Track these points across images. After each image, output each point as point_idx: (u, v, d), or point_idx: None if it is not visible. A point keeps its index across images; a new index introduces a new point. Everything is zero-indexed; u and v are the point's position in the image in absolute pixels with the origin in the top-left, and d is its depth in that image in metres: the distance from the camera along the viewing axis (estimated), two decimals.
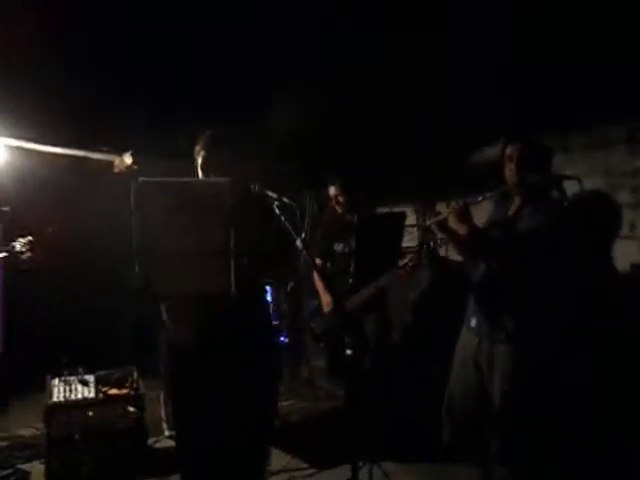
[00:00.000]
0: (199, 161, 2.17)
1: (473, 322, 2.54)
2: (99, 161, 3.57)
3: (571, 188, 2.61)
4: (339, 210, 3.43)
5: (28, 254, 2.61)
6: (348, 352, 2.08)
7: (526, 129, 2.82)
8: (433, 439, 2.79)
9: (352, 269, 3.20)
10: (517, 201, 2.49)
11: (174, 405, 2.28)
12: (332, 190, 3.43)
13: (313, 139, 4.01)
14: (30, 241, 2.61)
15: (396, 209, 3.30)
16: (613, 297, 2.86)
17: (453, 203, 2.42)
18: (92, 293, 4.25)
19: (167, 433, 3.54)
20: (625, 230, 3.09)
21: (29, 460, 3.23)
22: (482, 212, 2.70)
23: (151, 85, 3.55)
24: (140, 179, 1.75)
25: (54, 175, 3.59)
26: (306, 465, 3.16)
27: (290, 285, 4.10)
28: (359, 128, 3.91)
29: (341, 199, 3.40)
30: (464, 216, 2.41)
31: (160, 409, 3.60)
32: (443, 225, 2.51)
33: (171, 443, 3.45)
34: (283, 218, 1.90)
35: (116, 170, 3.48)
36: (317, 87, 3.49)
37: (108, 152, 3.61)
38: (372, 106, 3.68)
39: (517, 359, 2.37)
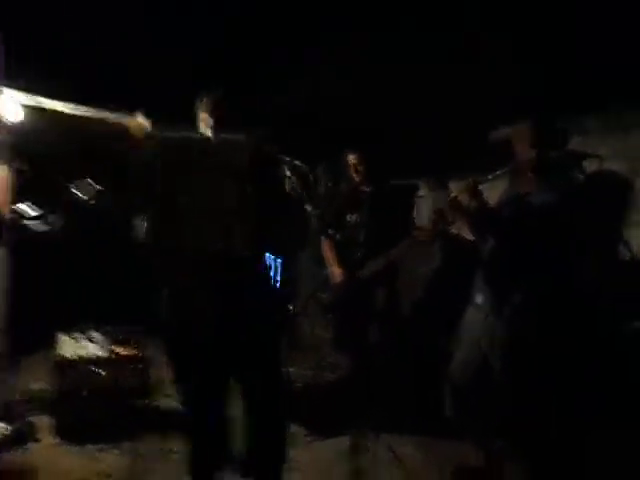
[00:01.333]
0: (209, 122, 2.08)
1: (479, 299, 2.53)
2: (113, 123, 3.54)
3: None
4: (356, 179, 3.40)
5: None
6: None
7: (542, 109, 2.78)
8: (437, 413, 2.82)
9: (362, 239, 3.20)
10: (530, 178, 2.46)
11: (174, 369, 2.26)
12: (351, 159, 3.40)
13: (329, 111, 3.97)
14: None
15: (409, 182, 3.28)
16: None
17: (464, 181, 2.40)
18: (105, 254, 4.29)
19: (168, 392, 3.59)
20: None
21: (38, 413, 3.30)
22: (496, 192, 2.68)
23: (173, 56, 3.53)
24: (158, 134, 1.73)
25: (70, 135, 3.58)
26: (307, 432, 3.20)
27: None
28: (376, 102, 3.87)
29: (360, 168, 3.36)
30: (475, 192, 2.39)
31: (163, 370, 3.65)
32: (454, 202, 2.49)
33: (174, 403, 3.52)
34: (295, 181, 1.88)
35: (132, 131, 3.45)
36: (335, 59, 3.45)
37: (122, 113, 3.58)
38: (390, 81, 3.64)
39: (521, 337, 2.37)
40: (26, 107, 2.88)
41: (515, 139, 2.44)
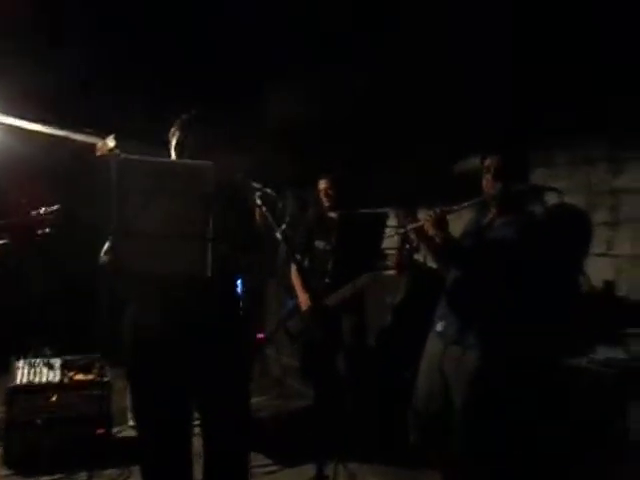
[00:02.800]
0: (172, 143, 2.07)
1: (439, 326, 2.55)
2: (82, 142, 3.51)
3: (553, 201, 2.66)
4: (326, 204, 3.40)
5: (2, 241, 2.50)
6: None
7: (508, 141, 2.85)
8: (402, 442, 2.80)
9: (330, 266, 3.20)
10: (493, 211, 2.52)
11: (133, 393, 2.18)
12: (322, 183, 3.40)
13: (298, 137, 4.00)
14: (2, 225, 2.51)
15: (379, 210, 3.30)
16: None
17: (431, 211, 2.43)
18: (67, 276, 4.18)
19: (132, 423, 3.49)
20: (602, 248, 3.13)
21: None
22: (463, 222, 2.73)
23: (145, 71, 3.52)
24: (121, 156, 1.71)
25: (37, 153, 3.53)
26: (270, 462, 3.13)
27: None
28: (345, 128, 3.92)
29: (331, 192, 3.37)
30: (440, 223, 2.42)
31: (126, 398, 3.55)
32: (420, 231, 2.52)
33: (135, 433, 3.41)
34: (264, 209, 1.87)
35: (98, 153, 3.43)
36: (304, 84, 3.50)
37: (91, 134, 3.55)
38: (358, 105, 3.69)
39: (480, 366, 2.39)
40: None
41: (483, 171, 2.49)
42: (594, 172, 3.22)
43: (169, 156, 2.10)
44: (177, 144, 2.06)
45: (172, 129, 2.10)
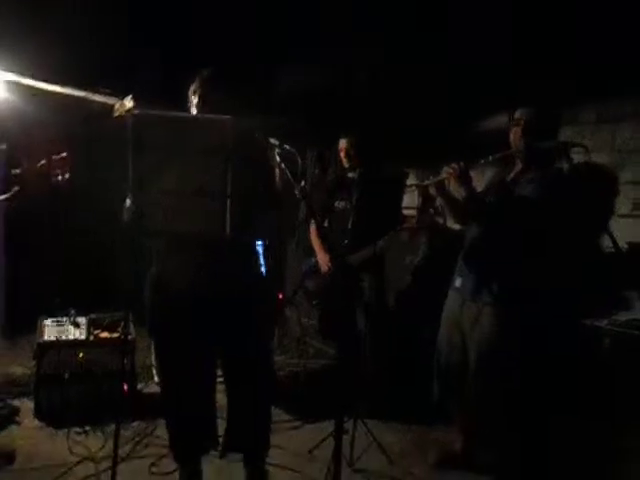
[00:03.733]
0: (194, 100, 2.05)
1: (458, 282, 2.55)
2: (99, 103, 3.50)
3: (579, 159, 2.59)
4: (346, 164, 3.37)
5: (16, 188, 2.54)
6: None
7: (536, 99, 2.78)
8: (422, 401, 2.83)
9: (349, 226, 3.18)
10: (518, 166, 2.46)
11: (156, 349, 2.24)
12: (342, 143, 3.36)
13: (318, 100, 3.94)
14: (17, 174, 2.54)
15: (399, 169, 3.26)
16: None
17: (453, 164, 2.38)
18: (94, 238, 4.24)
19: (157, 379, 3.58)
20: (627, 208, 3.06)
21: (19, 396, 3.27)
22: (484, 180, 2.68)
23: (160, 39, 3.48)
24: (137, 111, 1.70)
25: (54, 114, 3.53)
26: (291, 417, 3.20)
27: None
28: (366, 91, 3.85)
29: (351, 152, 3.33)
30: (463, 177, 2.37)
31: (151, 356, 3.63)
32: (442, 186, 2.48)
33: (159, 389, 3.51)
34: (283, 165, 1.86)
35: (116, 114, 3.41)
36: (326, 50, 3.43)
37: (109, 94, 3.53)
38: (378, 70, 3.62)
39: (497, 321, 2.39)
40: (9, 84, 2.80)
41: (509, 127, 2.44)
42: (619, 130, 3.13)
43: (188, 112, 2.08)
44: (199, 100, 2.04)
45: (192, 85, 2.08)
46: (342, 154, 3.36)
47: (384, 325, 3.34)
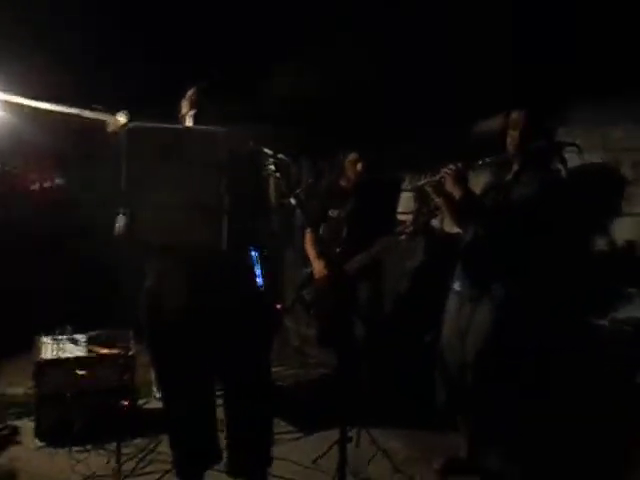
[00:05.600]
0: (188, 111, 2.04)
1: (457, 285, 2.55)
2: (93, 120, 3.49)
3: (573, 161, 2.60)
4: (352, 177, 3.37)
5: None
6: None
7: (529, 101, 2.79)
8: (424, 407, 2.82)
9: (344, 234, 3.19)
10: (515, 168, 2.47)
11: (154, 364, 2.21)
12: (352, 156, 3.35)
13: (313, 107, 3.95)
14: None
15: (394, 174, 3.27)
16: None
17: (450, 165, 2.39)
18: (91, 254, 4.23)
19: (157, 395, 3.56)
20: (623, 206, 3.07)
21: (20, 417, 3.25)
22: (480, 182, 2.69)
23: (151, 47, 3.50)
24: (131, 124, 1.69)
25: (46, 131, 3.53)
26: (294, 429, 3.19)
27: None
28: (359, 97, 3.86)
29: (360, 169, 3.32)
30: (460, 178, 2.38)
31: (151, 371, 3.61)
32: (438, 187, 2.48)
33: (160, 404, 3.47)
34: (278, 175, 1.86)
35: (109, 129, 3.41)
36: (319, 55, 3.44)
37: (101, 111, 3.53)
38: (373, 75, 3.63)
39: (493, 324, 2.39)
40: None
41: (506, 129, 2.45)
42: (613, 131, 3.14)
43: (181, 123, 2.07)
44: (195, 111, 2.03)
45: (188, 96, 2.07)
46: (355, 169, 3.35)
47: (382, 332, 3.34)
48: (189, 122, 2.04)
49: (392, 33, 3.33)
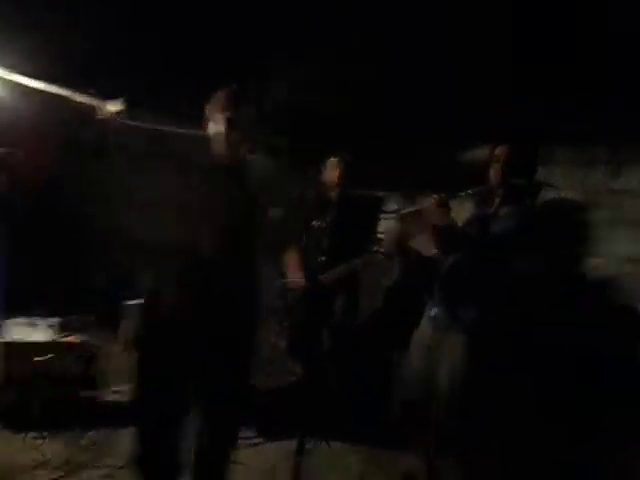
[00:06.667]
0: (220, 117, 1.96)
1: (433, 311, 2.59)
2: (84, 104, 3.47)
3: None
4: (331, 181, 3.40)
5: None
6: None
7: (515, 134, 2.87)
8: (384, 423, 2.85)
9: (325, 245, 3.21)
10: (496, 201, 2.54)
11: (139, 366, 2.18)
12: (335, 162, 3.40)
13: (301, 119, 3.98)
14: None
15: (376, 194, 3.32)
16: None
17: (434, 195, 2.44)
18: (65, 239, 4.17)
19: (115, 387, 3.52)
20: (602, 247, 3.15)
21: None
22: (463, 211, 2.75)
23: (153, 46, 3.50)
24: (123, 121, 1.70)
25: (38, 112, 3.50)
26: (254, 435, 3.18)
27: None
28: (348, 113, 3.90)
29: (339, 172, 3.36)
30: (443, 208, 2.44)
31: (112, 362, 3.57)
32: (421, 215, 2.53)
33: (119, 397, 3.44)
34: (265, 185, 1.87)
35: (99, 115, 3.39)
36: (311, 69, 3.48)
37: (94, 96, 3.51)
38: (363, 91, 3.68)
39: (467, 351, 2.43)
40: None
41: (489, 162, 2.51)
42: (593, 172, 3.24)
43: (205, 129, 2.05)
44: (228, 114, 1.96)
45: (217, 99, 2.03)
46: (335, 173, 3.38)
47: (350, 346, 3.36)
48: (221, 125, 1.97)
49: (390, 45, 3.38)
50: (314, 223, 3.38)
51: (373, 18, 3.26)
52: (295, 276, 3.34)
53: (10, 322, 3.20)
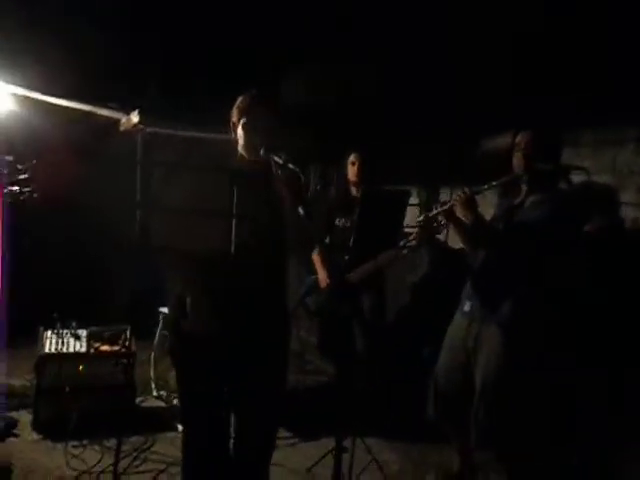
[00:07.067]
0: (238, 120, 1.99)
1: (467, 306, 2.55)
2: (106, 117, 3.54)
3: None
4: (353, 178, 3.40)
5: (28, 189, 2.57)
6: None
7: (538, 120, 2.80)
8: (420, 420, 2.83)
9: (350, 244, 3.20)
10: (523, 190, 2.49)
11: (176, 372, 2.20)
12: (354, 157, 3.37)
13: (322, 116, 3.98)
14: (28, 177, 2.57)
15: (401, 188, 3.28)
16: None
17: (459, 191, 2.41)
18: (93, 251, 4.26)
19: (155, 393, 3.58)
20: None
21: (18, 409, 3.26)
22: (487, 203, 2.70)
23: (166, 52, 3.55)
24: (148, 130, 1.72)
25: (60, 127, 3.58)
26: (290, 434, 3.19)
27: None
28: (370, 108, 3.88)
29: (359, 168, 3.34)
30: (470, 204, 2.40)
31: (150, 369, 3.64)
32: (449, 213, 2.50)
33: (158, 403, 3.50)
34: (287, 184, 1.87)
35: (122, 128, 3.45)
36: (329, 66, 3.47)
37: (116, 109, 3.57)
38: (380, 87, 3.66)
39: (504, 344, 2.39)
40: (16, 97, 2.84)
41: (513, 149, 2.46)
42: (620, 154, 3.16)
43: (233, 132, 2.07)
44: (245, 120, 1.99)
45: (237, 104, 2.04)
46: (353, 170, 3.37)
47: (382, 344, 3.34)
48: (240, 131, 2.00)
49: (398, 46, 3.36)
50: (337, 222, 3.37)
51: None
52: (321, 275, 3.35)
53: (46, 333, 3.26)
